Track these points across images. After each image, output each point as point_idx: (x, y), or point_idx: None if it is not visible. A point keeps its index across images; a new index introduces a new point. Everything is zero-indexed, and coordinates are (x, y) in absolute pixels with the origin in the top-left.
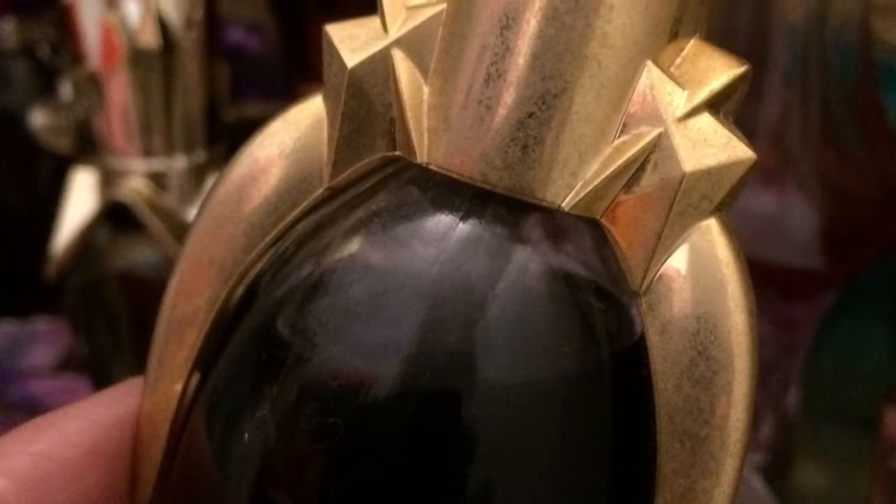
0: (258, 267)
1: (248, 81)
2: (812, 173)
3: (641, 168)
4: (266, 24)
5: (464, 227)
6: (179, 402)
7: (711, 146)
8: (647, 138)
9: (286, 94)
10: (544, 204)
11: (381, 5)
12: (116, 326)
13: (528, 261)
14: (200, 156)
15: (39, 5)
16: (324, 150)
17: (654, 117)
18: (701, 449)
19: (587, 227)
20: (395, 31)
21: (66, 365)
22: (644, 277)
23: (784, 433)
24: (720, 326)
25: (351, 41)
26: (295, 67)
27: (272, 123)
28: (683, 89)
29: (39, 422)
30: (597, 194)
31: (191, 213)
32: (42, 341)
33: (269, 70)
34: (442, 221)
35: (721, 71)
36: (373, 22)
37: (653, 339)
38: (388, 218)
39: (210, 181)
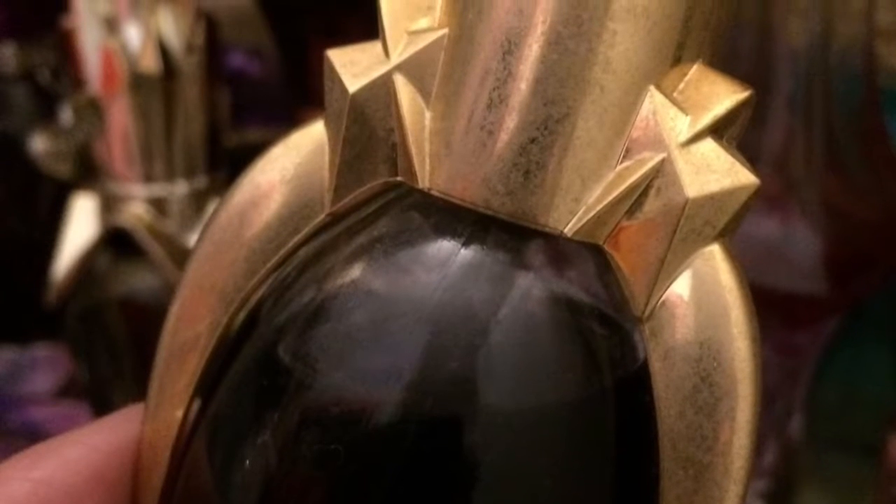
0: (259, 293)
1: (249, 107)
2: (816, 199)
3: (644, 193)
4: (267, 50)
5: (466, 253)
6: (180, 428)
7: (714, 172)
8: (650, 164)
9: (287, 120)
10: (546, 230)
11: (383, 30)
12: (117, 353)
13: (531, 287)
14: (201, 181)
15: (40, 30)
16: (325, 175)
17: (657, 142)
18: (704, 476)
19: (590, 252)
20: (397, 56)
21: (67, 391)
22: (647, 303)
23: (787, 460)
24: (723, 353)
25: (352, 66)
26: (296, 92)
27: (273, 149)
28: (686, 114)
29: (40, 448)
30: (599, 220)
31: (192, 239)
32: (42, 367)
33: (271, 95)
34: (444, 247)
35: (724, 96)
36: (374, 47)
37: (655, 366)
38: (389, 244)
39: (211, 207)
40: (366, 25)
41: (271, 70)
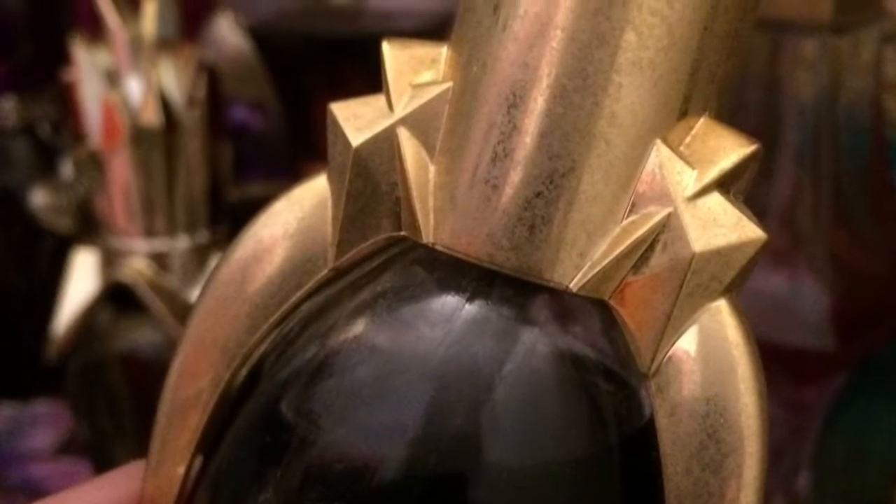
0: (262, 348)
1: (251, 160)
2: (823, 253)
3: (650, 248)
4: (270, 103)
5: (470, 309)
6: (182, 485)
7: (721, 226)
8: (656, 218)
9: (290, 174)
10: (552, 285)
11: (387, 83)
12: (118, 409)
13: (536, 343)
14: (203, 236)
15: (40, 83)
16: (328, 230)
17: (664, 197)
18: None
19: (595, 308)
20: (401, 110)
21: (67, 448)
22: (653, 359)
23: None
24: (730, 409)
25: (356, 120)
26: (299, 146)
27: (276, 203)
28: (693, 168)
29: None
30: (605, 275)
31: (193, 294)
32: (43, 424)
33: (273, 149)
34: (448, 303)
35: (731, 150)
36: (378, 100)
37: (662, 422)
38: (393, 299)
39: (213, 261)
40: (369, 78)
41: (274, 124)
